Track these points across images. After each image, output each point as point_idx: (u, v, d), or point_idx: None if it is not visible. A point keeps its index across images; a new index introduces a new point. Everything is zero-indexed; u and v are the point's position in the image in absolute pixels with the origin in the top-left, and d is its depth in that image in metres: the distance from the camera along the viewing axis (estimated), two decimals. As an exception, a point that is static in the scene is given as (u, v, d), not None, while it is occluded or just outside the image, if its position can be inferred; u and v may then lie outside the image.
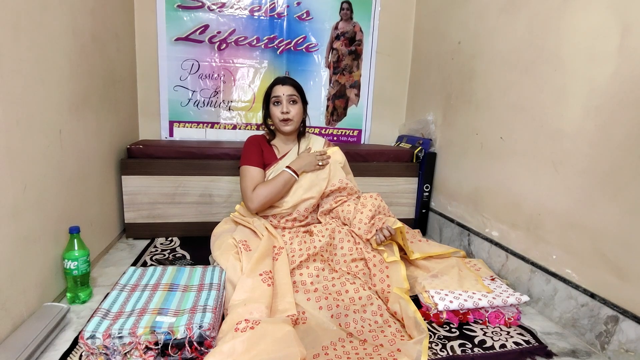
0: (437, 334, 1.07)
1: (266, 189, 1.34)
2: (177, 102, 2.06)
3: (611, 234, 1.01)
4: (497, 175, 1.45)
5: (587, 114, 1.08)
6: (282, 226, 1.41)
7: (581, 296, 1.08)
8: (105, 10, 1.53)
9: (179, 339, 0.85)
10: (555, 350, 1.02)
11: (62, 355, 0.90)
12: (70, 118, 1.22)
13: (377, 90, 2.27)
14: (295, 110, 1.41)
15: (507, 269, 1.38)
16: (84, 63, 1.32)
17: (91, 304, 1.15)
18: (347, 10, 2.15)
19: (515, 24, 1.36)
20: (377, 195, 1.39)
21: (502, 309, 1.13)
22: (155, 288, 1.02)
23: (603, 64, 1.03)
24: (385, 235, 1.23)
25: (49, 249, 1.11)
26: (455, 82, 1.74)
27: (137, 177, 1.67)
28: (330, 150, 1.47)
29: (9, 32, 0.92)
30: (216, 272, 1.13)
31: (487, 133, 1.50)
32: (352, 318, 1.06)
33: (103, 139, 1.51)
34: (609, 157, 1.02)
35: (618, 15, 0.99)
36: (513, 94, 1.36)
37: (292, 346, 0.82)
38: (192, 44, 2.02)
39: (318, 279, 1.17)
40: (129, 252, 1.59)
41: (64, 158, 1.19)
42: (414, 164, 1.93)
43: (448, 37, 1.81)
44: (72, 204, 1.24)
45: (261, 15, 2.07)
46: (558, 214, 1.17)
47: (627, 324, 0.95)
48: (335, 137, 2.29)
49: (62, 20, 1.18)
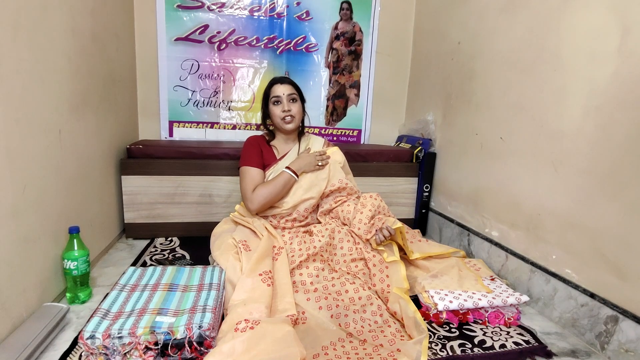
0: (437, 334, 1.07)
1: (266, 189, 1.34)
2: (176, 102, 2.06)
3: (611, 234, 1.01)
4: (497, 175, 1.45)
5: (587, 114, 1.08)
6: (282, 226, 1.41)
7: (581, 296, 1.08)
8: (105, 10, 1.53)
9: (178, 339, 0.85)
10: (555, 350, 1.02)
11: (62, 356, 0.90)
12: (70, 118, 1.22)
13: (376, 90, 2.27)
14: (296, 109, 1.41)
15: (506, 269, 1.38)
16: (84, 63, 1.32)
17: (91, 304, 1.15)
18: (347, 10, 2.15)
19: (515, 24, 1.36)
20: (377, 195, 1.39)
21: (502, 309, 1.13)
22: (155, 288, 1.02)
23: (603, 64, 1.03)
24: (385, 235, 1.22)
25: (48, 249, 1.11)
26: (455, 82, 1.74)
27: (137, 177, 1.67)
28: (329, 151, 1.47)
29: (9, 32, 0.92)
30: (216, 272, 1.13)
31: (487, 133, 1.50)
32: (352, 318, 1.06)
33: (103, 139, 1.51)
34: (608, 157, 1.02)
35: (618, 16, 0.99)
36: (513, 94, 1.36)
37: (292, 346, 0.82)
38: (192, 44, 2.02)
39: (318, 279, 1.17)
40: (129, 252, 1.58)
41: (64, 158, 1.19)
42: (414, 164, 1.93)
43: (448, 37, 1.81)
44: (71, 204, 1.24)
45: (261, 15, 2.07)
46: (558, 214, 1.17)
47: (627, 323, 0.95)
48: (335, 137, 2.29)
49: (62, 20, 1.18)
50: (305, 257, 1.21)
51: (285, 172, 1.36)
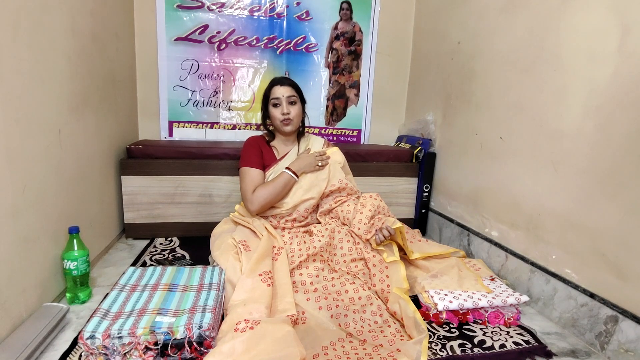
0: (437, 334, 1.07)
1: (266, 190, 1.34)
2: (176, 102, 2.06)
3: (611, 234, 1.01)
4: (496, 175, 1.45)
5: (587, 114, 1.08)
6: (282, 226, 1.41)
7: (581, 296, 1.08)
8: (105, 10, 1.53)
9: (178, 339, 0.85)
10: (555, 350, 1.02)
11: (62, 356, 0.90)
12: (69, 118, 1.22)
13: (376, 90, 2.27)
14: (296, 111, 1.41)
15: (506, 269, 1.38)
16: (84, 63, 1.32)
17: (91, 304, 1.15)
18: (347, 10, 2.15)
19: (515, 24, 1.36)
20: (377, 195, 1.39)
21: (502, 309, 1.13)
22: (155, 288, 1.02)
23: (603, 64, 1.03)
24: (385, 235, 1.22)
25: (48, 249, 1.11)
26: (455, 82, 1.74)
27: (137, 177, 1.67)
28: (329, 151, 1.47)
29: (9, 32, 0.92)
30: (216, 272, 1.13)
31: (487, 133, 1.50)
32: (352, 318, 1.06)
33: (103, 139, 1.51)
34: (608, 157, 1.02)
35: (618, 16, 0.99)
36: (513, 94, 1.36)
37: (292, 346, 0.82)
38: (192, 44, 2.02)
39: (318, 279, 1.17)
40: (129, 252, 1.58)
41: (64, 158, 1.19)
42: (414, 164, 1.93)
43: (448, 37, 1.81)
44: (71, 204, 1.24)
45: (261, 15, 2.07)
46: (558, 214, 1.17)
47: (627, 323, 0.95)
48: (335, 137, 2.29)
49: (62, 20, 1.18)
50: (305, 257, 1.21)
51: (285, 173, 1.36)
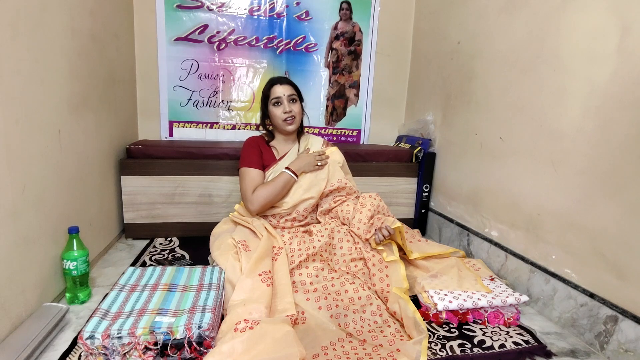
0: (437, 334, 1.07)
1: (266, 190, 1.34)
2: (176, 102, 2.06)
3: (610, 234, 1.01)
4: (496, 175, 1.45)
5: (587, 114, 1.08)
6: (282, 226, 1.41)
7: (580, 296, 1.08)
8: (105, 10, 1.53)
9: (178, 339, 0.85)
10: (555, 350, 1.02)
11: (61, 356, 0.90)
12: (69, 118, 1.22)
13: (376, 90, 2.27)
14: (297, 109, 1.42)
15: (506, 269, 1.38)
16: (84, 63, 1.32)
17: (90, 304, 1.15)
18: (347, 10, 2.15)
19: (514, 24, 1.36)
20: (376, 195, 1.39)
21: (502, 309, 1.13)
22: (155, 288, 1.02)
23: (602, 64, 1.03)
24: (384, 234, 1.22)
25: (48, 249, 1.11)
26: (455, 82, 1.74)
27: (137, 177, 1.67)
28: (329, 151, 1.47)
29: (8, 32, 0.92)
30: (215, 272, 1.13)
31: (487, 133, 1.50)
32: (352, 318, 1.06)
33: (102, 139, 1.51)
34: (608, 157, 1.02)
35: (618, 16, 0.99)
36: (512, 94, 1.36)
37: (292, 346, 0.82)
38: (192, 44, 2.02)
39: (317, 279, 1.17)
40: (128, 252, 1.58)
41: (63, 158, 1.19)
42: (414, 164, 1.93)
43: (447, 37, 1.81)
44: (71, 204, 1.24)
45: (260, 15, 2.07)
46: (557, 214, 1.17)
47: (627, 323, 0.95)
48: (335, 137, 2.29)
49: (62, 20, 1.18)
50: (305, 257, 1.21)
51: (284, 173, 1.36)
